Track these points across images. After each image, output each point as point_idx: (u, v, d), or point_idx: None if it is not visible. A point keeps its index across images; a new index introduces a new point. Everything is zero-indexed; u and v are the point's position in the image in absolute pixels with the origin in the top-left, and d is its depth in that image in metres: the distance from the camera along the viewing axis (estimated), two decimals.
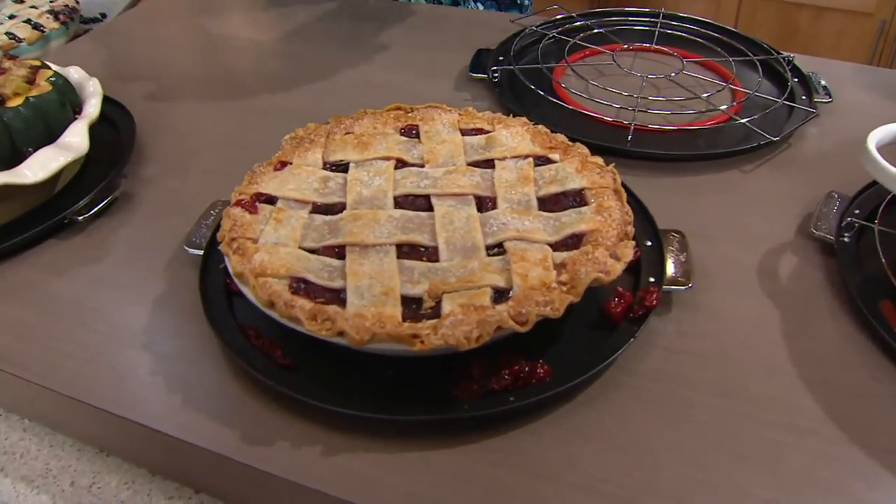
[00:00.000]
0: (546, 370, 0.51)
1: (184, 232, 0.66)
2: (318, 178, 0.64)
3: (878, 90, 0.90)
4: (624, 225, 0.56)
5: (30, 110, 0.70)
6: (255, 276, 0.52)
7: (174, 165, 0.80)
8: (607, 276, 0.51)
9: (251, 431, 0.51)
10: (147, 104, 0.91)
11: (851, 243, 0.64)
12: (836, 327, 0.58)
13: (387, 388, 0.52)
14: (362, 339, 0.47)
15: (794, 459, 0.49)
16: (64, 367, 0.57)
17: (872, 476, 0.47)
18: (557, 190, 0.61)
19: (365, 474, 0.48)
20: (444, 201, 0.60)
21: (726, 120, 0.81)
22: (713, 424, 0.51)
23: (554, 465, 0.48)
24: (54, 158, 0.69)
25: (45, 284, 0.65)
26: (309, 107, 0.90)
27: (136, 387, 0.55)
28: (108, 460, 0.58)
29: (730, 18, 2.53)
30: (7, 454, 0.59)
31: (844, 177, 0.70)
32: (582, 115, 0.83)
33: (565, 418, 0.51)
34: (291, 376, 0.52)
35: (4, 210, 0.69)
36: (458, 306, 0.49)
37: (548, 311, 0.48)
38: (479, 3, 1.25)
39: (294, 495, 0.49)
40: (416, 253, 0.56)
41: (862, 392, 0.53)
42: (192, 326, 0.59)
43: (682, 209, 0.69)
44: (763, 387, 0.53)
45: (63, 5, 1.21)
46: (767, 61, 0.92)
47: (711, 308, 0.60)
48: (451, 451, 0.49)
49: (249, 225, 0.57)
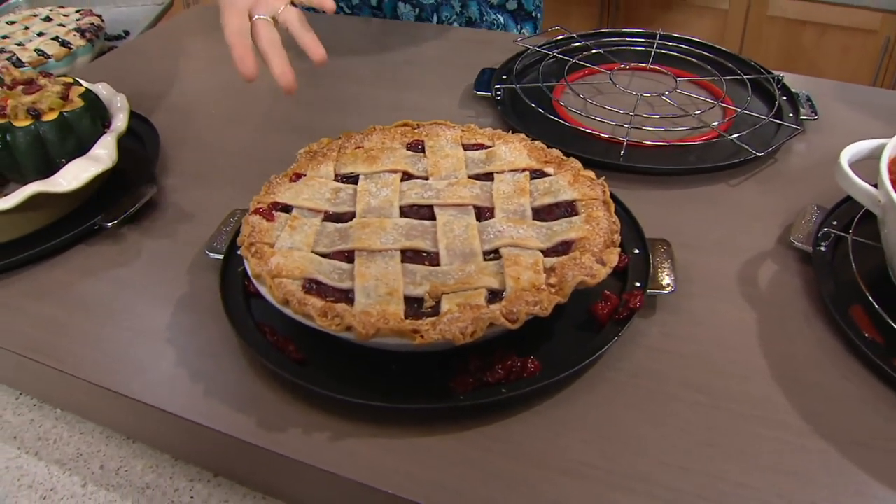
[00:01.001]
0: (536, 365, 0.56)
1: (205, 238, 0.71)
2: (330, 189, 0.69)
3: (864, 108, 0.94)
4: (611, 233, 0.61)
5: (63, 124, 0.75)
6: (271, 277, 0.57)
7: (196, 176, 0.86)
8: (593, 279, 0.55)
9: (266, 418, 0.55)
10: (170, 118, 0.96)
11: (827, 252, 0.68)
12: (810, 331, 0.62)
13: (390, 380, 0.57)
14: (368, 333, 0.52)
15: (766, 450, 0.53)
16: (94, 360, 0.62)
17: (838, 466, 0.52)
18: (551, 201, 0.65)
19: (369, 457, 0.53)
20: (446, 211, 0.65)
21: (716, 136, 0.85)
22: (691, 418, 0.55)
23: (542, 452, 0.53)
24: (86, 169, 0.74)
25: (76, 286, 0.70)
26: (322, 123, 0.96)
27: (161, 378, 0.60)
28: (134, 446, 0.63)
29: (736, 36, 2.56)
30: (41, 440, 0.64)
31: (825, 190, 0.75)
32: (579, 131, 0.87)
33: (554, 410, 0.56)
34: (303, 369, 0.57)
35: (39, 217, 0.74)
36: (456, 305, 0.54)
37: (537, 310, 0.53)
38: (498, 15, 1.30)
39: (305, 476, 0.54)
40: (419, 258, 0.61)
41: (832, 390, 0.57)
42: (212, 324, 0.64)
43: (670, 220, 0.74)
44: (740, 384, 0.58)
45: (89, 23, 1.27)
46: (758, 80, 0.96)
47: (694, 312, 0.64)
48: (449, 437, 0.54)
49: (267, 231, 0.62)
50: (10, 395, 0.69)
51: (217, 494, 0.59)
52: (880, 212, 0.61)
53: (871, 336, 0.60)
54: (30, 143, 0.74)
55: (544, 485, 0.51)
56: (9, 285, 0.70)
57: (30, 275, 0.72)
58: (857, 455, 0.52)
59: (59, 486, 0.60)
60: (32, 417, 0.66)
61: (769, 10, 2.45)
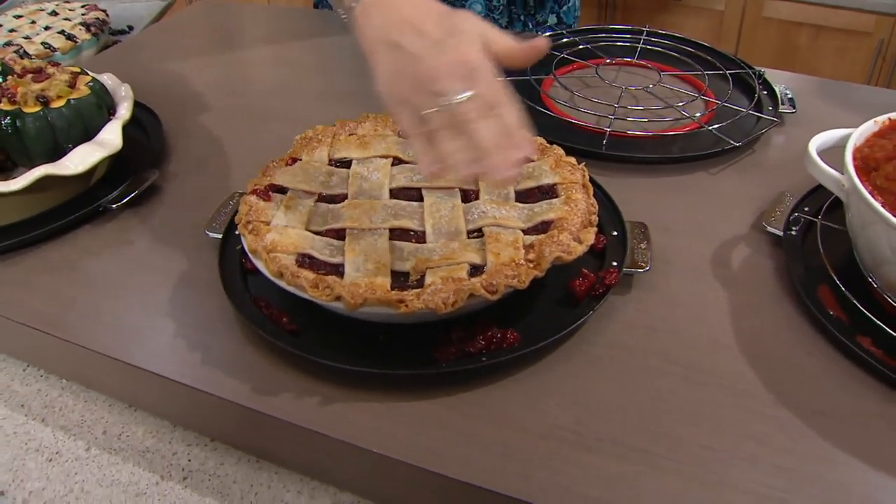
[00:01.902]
0: (516, 336, 0.59)
1: (204, 219, 0.75)
2: (324, 173, 0.72)
3: (842, 103, 0.98)
4: (588, 214, 0.64)
5: (71, 111, 0.79)
6: (267, 252, 0.60)
7: (196, 162, 0.89)
8: (569, 255, 0.59)
9: (260, 385, 0.59)
10: (172, 108, 1.00)
11: (798, 237, 0.71)
12: (779, 309, 0.66)
13: (378, 349, 0.60)
14: (356, 303, 0.55)
15: (731, 417, 0.56)
16: (99, 332, 0.65)
17: (797, 432, 0.55)
18: (533, 185, 0.69)
19: (357, 420, 0.56)
20: (433, 193, 0.68)
21: (697, 127, 0.88)
22: (662, 387, 0.58)
23: (520, 416, 0.56)
24: (92, 153, 0.77)
25: (82, 263, 0.74)
26: (317, 112, 0.99)
27: (161, 348, 0.63)
28: (135, 413, 0.66)
29: (732, 37, 2.59)
30: (47, 408, 0.68)
31: (800, 180, 0.78)
32: (565, 122, 0.91)
33: (532, 378, 0.59)
34: (296, 339, 0.61)
35: (48, 198, 0.78)
36: (439, 278, 0.58)
37: (515, 283, 0.56)
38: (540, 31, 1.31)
39: (296, 439, 0.58)
40: (407, 236, 0.64)
41: (796, 364, 0.60)
42: (210, 299, 0.67)
43: (650, 206, 0.77)
44: (708, 357, 0.61)
45: (94, 18, 1.31)
46: (740, 75, 1.00)
47: (668, 290, 0.67)
48: (432, 402, 0.57)
49: (263, 210, 0.66)
50: (17, 366, 0.72)
51: (213, 458, 0.62)
52: (845, 196, 0.65)
53: (836, 314, 0.63)
54: (39, 129, 0.77)
55: (520, 446, 0.54)
56: (19, 262, 0.74)
57: (39, 253, 0.75)
58: (818, 423, 0.55)
59: (64, 449, 0.64)
60: (39, 387, 0.70)
61: (764, 11, 2.48)
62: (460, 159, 0.54)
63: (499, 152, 0.54)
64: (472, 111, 0.54)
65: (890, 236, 0.58)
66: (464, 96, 0.54)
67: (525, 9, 1.29)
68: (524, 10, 1.29)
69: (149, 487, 0.61)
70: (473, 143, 0.54)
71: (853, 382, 0.58)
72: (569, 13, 1.32)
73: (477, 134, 0.54)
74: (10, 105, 0.78)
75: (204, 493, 0.60)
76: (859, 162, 0.64)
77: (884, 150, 0.64)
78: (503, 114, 0.55)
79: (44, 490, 0.61)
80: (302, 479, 0.61)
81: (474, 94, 0.54)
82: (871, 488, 0.51)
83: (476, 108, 0.54)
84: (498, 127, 0.55)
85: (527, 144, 0.56)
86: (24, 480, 0.62)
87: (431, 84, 0.55)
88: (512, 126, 0.55)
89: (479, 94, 0.55)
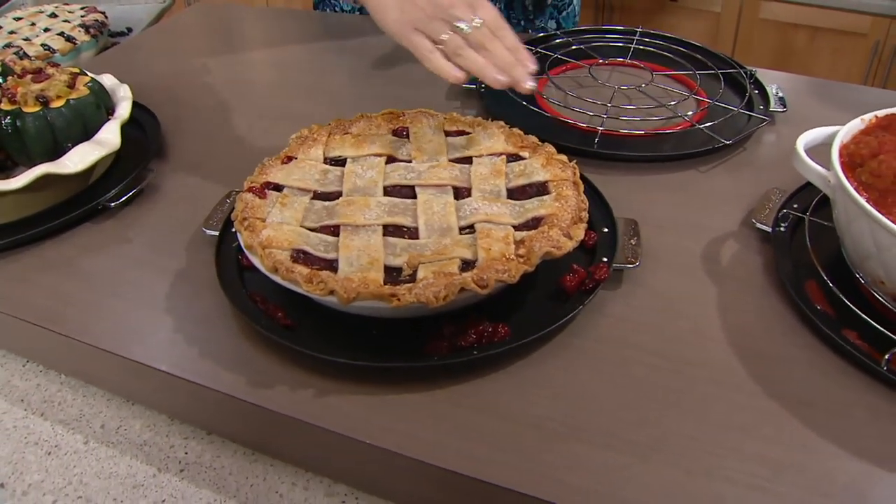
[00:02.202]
0: (506, 330, 0.60)
1: (202, 217, 0.76)
2: (319, 171, 0.73)
3: (832, 102, 0.99)
4: (578, 211, 0.65)
5: (70, 111, 0.80)
6: (262, 248, 0.61)
7: (194, 162, 0.90)
8: (559, 250, 0.60)
9: (255, 378, 0.60)
10: (170, 109, 1.01)
11: (786, 233, 0.72)
12: (767, 304, 0.67)
13: (372, 344, 0.61)
14: (349, 297, 0.56)
15: (717, 408, 0.57)
16: (98, 327, 0.66)
17: (782, 422, 0.56)
18: (524, 182, 0.70)
19: (350, 412, 0.57)
20: (427, 191, 0.70)
21: (689, 126, 0.90)
22: (648, 379, 0.59)
23: (510, 408, 0.57)
24: (91, 152, 0.79)
25: (81, 260, 0.75)
26: (313, 112, 1.00)
27: (159, 342, 0.64)
28: (133, 408, 0.68)
29: (728, 38, 2.61)
30: (46, 402, 0.69)
31: (789, 177, 0.78)
32: (558, 121, 0.92)
33: (522, 371, 0.60)
34: (292, 334, 0.62)
35: (47, 196, 0.79)
36: (431, 273, 0.59)
37: (505, 277, 0.57)
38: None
39: (290, 431, 0.59)
40: (400, 232, 0.65)
41: (782, 357, 0.61)
42: (207, 295, 0.68)
43: (641, 203, 0.78)
44: (696, 350, 0.62)
45: (93, 20, 1.32)
46: (732, 74, 1.01)
47: (657, 286, 0.69)
48: (424, 394, 0.58)
49: (259, 207, 0.67)
50: (17, 362, 0.73)
51: (210, 450, 0.63)
52: (831, 192, 0.66)
53: (823, 308, 0.64)
54: (38, 128, 0.78)
55: (511, 437, 0.55)
56: (19, 259, 0.75)
57: (38, 250, 0.76)
58: (803, 414, 0.56)
59: (62, 443, 0.65)
60: (38, 382, 0.71)
61: (761, 13, 2.50)
62: (491, 72, 0.70)
63: (517, 69, 0.70)
64: (485, 35, 0.70)
65: (874, 231, 0.59)
66: (476, 23, 0.69)
67: (524, 14, 1.30)
68: (523, 15, 1.30)
69: (146, 479, 0.62)
70: (497, 59, 0.70)
71: (838, 374, 0.59)
72: (567, 19, 1.33)
73: (495, 53, 0.70)
74: (10, 105, 0.79)
75: (200, 485, 0.61)
76: (846, 159, 0.65)
77: (869, 147, 0.65)
78: (506, 37, 0.71)
79: (43, 482, 0.62)
80: (296, 471, 0.62)
81: (482, 21, 0.70)
82: (855, 476, 0.52)
83: (486, 33, 0.70)
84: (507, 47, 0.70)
85: (531, 60, 0.72)
86: (23, 473, 0.63)
87: (444, 12, 0.70)
88: (517, 45, 0.72)
89: (486, 21, 0.70)
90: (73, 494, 0.61)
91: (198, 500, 0.60)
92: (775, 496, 0.51)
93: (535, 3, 1.29)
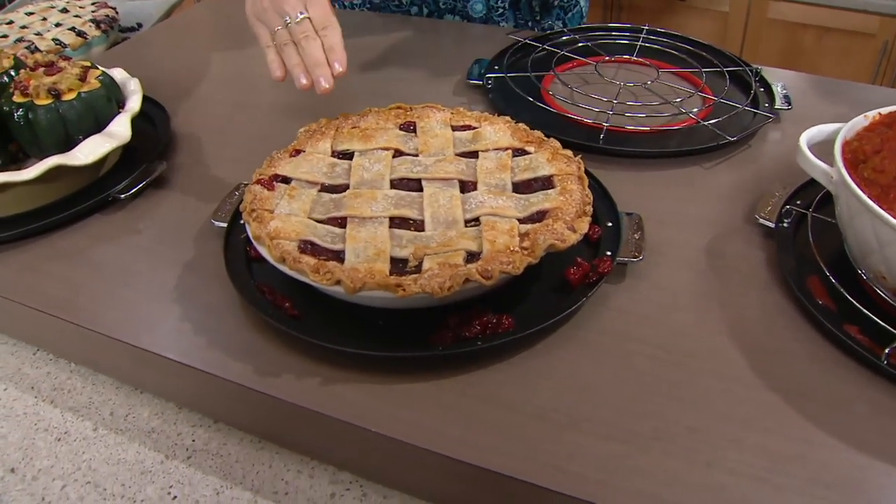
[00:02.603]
0: (510, 322, 0.61)
1: (210, 209, 0.77)
2: (327, 164, 0.74)
3: (837, 100, 0.99)
4: (583, 205, 0.66)
5: (81, 104, 0.81)
6: (270, 239, 0.62)
7: (203, 155, 0.91)
8: (563, 243, 0.61)
9: (263, 367, 0.61)
10: (179, 103, 1.02)
11: (789, 229, 0.73)
12: (769, 298, 0.67)
13: (377, 334, 0.62)
14: (355, 287, 0.57)
15: (718, 400, 0.58)
16: (107, 316, 0.67)
17: (783, 415, 0.56)
18: (530, 176, 0.71)
19: (355, 400, 0.58)
20: (433, 184, 0.70)
21: (694, 123, 0.90)
22: (650, 371, 0.60)
23: (514, 398, 0.58)
24: (102, 144, 0.80)
25: (91, 250, 0.76)
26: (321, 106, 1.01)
27: (167, 331, 0.65)
28: (141, 396, 0.69)
29: (737, 38, 2.60)
30: (56, 390, 0.70)
31: (792, 174, 0.79)
32: (564, 117, 0.93)
33: (525, 362, 0.61)
34: (298, 323, 0.63)
35: (59, 188, 0.80)
36: (436, 264, 0.59)
37: (509, 269, 0.58)
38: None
39: (296, 418, 0.59)
40: (406, 224, 0.66)
41: (783, 350, 0.62)
42: (216, 286, 0.69)
43: (645, 198, 0.79)
44: (697, 343, 0.63)
45: (104, 15, 1.33)
46: (737, 72, 1.01)
47: (660, 279, 0.69)
48: (429, 384, 0.59)
49: (267, 199, 0.68)
50: (28, 350, 0.74)
51: (217, 438, 0.64)
52: (834, 188, 0.66)
53: (825, 303, 0.65)
54: (50, 121, 0.79)
55: (514, 427, 0.56)
56: (30, 249, 0.76)
57: (50, 240, 0.77)
58: (803, 406, 0.57)
59: (72, 429, 0.66)
60: (49, 370, 0.72)
61: (769, 13, 2.49)
62: (298, 71, 0.77)
63: (321, 68, 0.76)
64: (306, 31, 0.76)
65: (876, 227, 0.59)
66: (300, 17, 0.76)
67: (531, 14, 1.30)
68: (530, 15, 1.31)
69: (154, 466, 0.63)
70: (306, 56, 0.77)
71: (839, 368, 0.60)
72: (573, 19, 1.34)
73: (307, 50, 0.76)
74: (22, 97, 0.80)
75: (207, 472, 0.62)
76: (849, 155, 0.66)
77: (872, 144, 0.66)
78: (328, 35, 0.77)
79: (52, 468, 0.63)
80: (302, 458, 0.63)
81: (307, 16, 0.77)
82: (852, 468, 0.52)
83: (308, 28, 0.77)
84: (324, 44, 0.76)
85: (342, 62, 0.77)
86: (33, 459, 0.64)
87: (279, 6, 0.78)
88: (334, 45, 0.77)
89: (312, 16, 0.77)
90: (81, 480, 0.62)
91: (205, 486, 0.61)
92: (775, 487, 0.51)
93: (541, 3, 1.29)
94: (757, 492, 0.51)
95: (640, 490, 0.51)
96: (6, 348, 0.75)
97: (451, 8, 1.29)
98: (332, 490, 0.60)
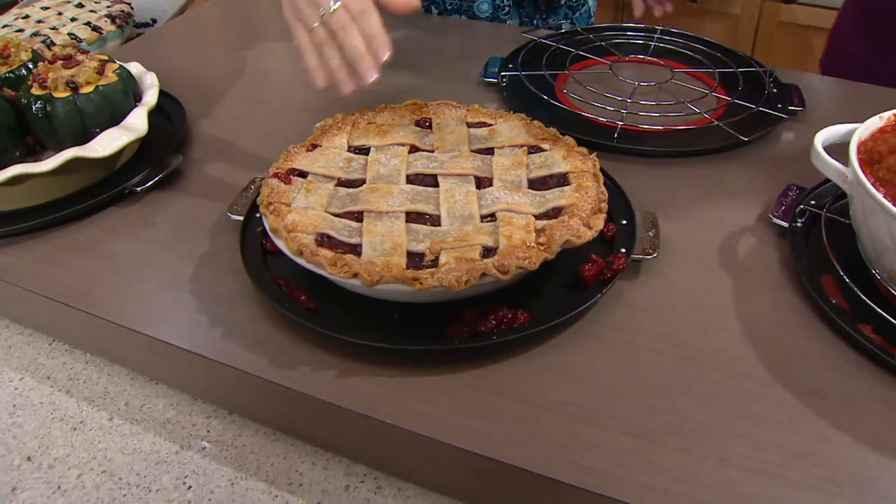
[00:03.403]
0: (526, 317, 0.61)
1: (226, 203, 0.77)
2: (344, 159, 0.74)
3: (850, 101, 0.99)
4: (598, 202, 0.66)
5: (99, 97, 0.82)
6: (287, 232, 0.63)
7: (219, 149, 0.92)
8: (578, 239, 0.61)
9: (278, 358, 0.61)
10: (195, 97, 1.02)
11: (803, 228, 0.73)
12: (783, 297, 0.67)
13: (393, 327, 0.63)
14: (372, 280, 0.57)
15: (731, 396, 0.58)
16: (124, 308, 0.68)
17: (795, 412, 0.57)
18: (545, 173, 0.71)
19: (370, 392, 0.58)
20: (449, 179, 0.71)
21: (707, 123, 0.90)
22: (663, 367, 0.60)
23: (528, 392, 0.58)
24: (119, 137, 0.80)
25: (108, 243, 0.76)
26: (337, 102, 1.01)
27: (183, 323, 0.66)
28: (157, 387, 0.69)
29: (748, 40, 2.60)
30: (72, 380, 0.70)
31: (806, 174, 0.79)
32: (579, 116, 0.93)
33: (540, 357, 0.61)
34: (314, 316, 0.63)
35: (76, 180, 0.81)
36: (453, 259, 0.60)
37: (525, 264, 0.58)
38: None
39: (311, 410, 0.60)
40: (422, 219, 0.66)
41: (796, 348, 0.62)
42: (231, 278, 0.70)
43: (660, 197, 0.79)
44: (710, 340, 0.63)
45: (119, 10, 1.34)
46: (751, 73, 1.01)
47: (674, 277, 0.69)
48: (443, 377, 0.59)
49: (284, 192, 0.68)
50: (44, 340, 0.75)
51: (231, 429, 0.65)
52: (848, 188, 0.67)
53: (839, 302, 0.65)
54: (68, 113, 0.80)
55: (528, 420, 0.56)
56: (48, 241, 0.77)
57: (67, 232, 0.78)
58: (815, 404, 0.57)
59: (87, 419, 0.67)
60: (65, 360, 0.73)
61: (781, 15, 2.49)
62: (340, 76, 0.74)
63: (363, 62, 0.72)
64: (342, 21, 0.72)
65: (891, 226, 0.60)
66: (334, 7, 0.72)
67: (537, 11, 1.31)
68: (536, 12, 1.31)
69: (169, 456, 0.63)
70: (346, 52, 0.72)
71: (852, 367, 0.60)
72: (581, 19, 1.34)
73: (346, 43, 0.72)
74: (40, 90, 0.81)
75: (222, 463, 0.62)
76: (864, 155, 0.66)
77: (887, 144, 0.66)
78: (366, 22, 0.73)
79: (68, 456, 0.63)
80: (316, 450, 0.63)
81: (340, 4, 0.72)
82: (865, 465, 0.52)
83: (344, 17, 0.72)
84: (362, 33, 0.72)
85: (385, 46, 0.72)
86: (49, 447, 0.64)
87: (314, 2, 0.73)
88: (374, 32, 0.72)
89: (346, 5, 0.73)
90: (97, 469, 0.62)
91: (219, 477, 0.61)
92: (787, 483, 0.51)
93: (546, 1, 1.29)
94: (770, 488, 0.51)
95: (654, 485, 0.51)
96: (22, 339, 0.75)
97: (458, 8, 1.30)
98: (347, 482, 0.60)
